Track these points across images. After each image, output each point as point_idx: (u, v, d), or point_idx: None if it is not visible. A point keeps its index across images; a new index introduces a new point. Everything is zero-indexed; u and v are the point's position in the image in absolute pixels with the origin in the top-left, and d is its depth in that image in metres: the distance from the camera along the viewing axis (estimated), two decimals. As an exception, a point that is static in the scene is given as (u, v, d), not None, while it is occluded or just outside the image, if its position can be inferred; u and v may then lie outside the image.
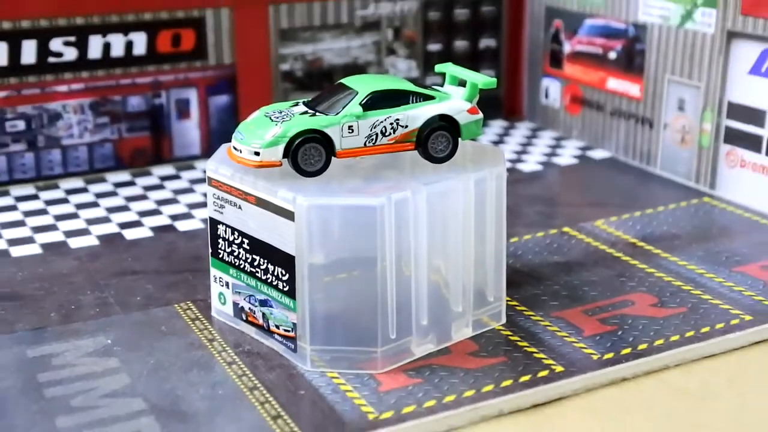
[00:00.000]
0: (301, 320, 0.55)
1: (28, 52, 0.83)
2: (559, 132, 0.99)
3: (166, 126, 0.89)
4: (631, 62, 0.89)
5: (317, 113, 0.56)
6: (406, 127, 0.57)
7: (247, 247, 0.57)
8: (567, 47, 0.97)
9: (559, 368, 0.55)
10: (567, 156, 0.93)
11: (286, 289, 0.55)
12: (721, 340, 0.59)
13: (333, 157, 0.56)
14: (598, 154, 0.93)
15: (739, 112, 0.80)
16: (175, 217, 0.77)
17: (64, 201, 0.81)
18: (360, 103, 0.56)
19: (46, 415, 0.51)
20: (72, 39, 0.84)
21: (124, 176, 0.87)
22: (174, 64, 0.88)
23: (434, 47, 0.99)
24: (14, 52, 0.83)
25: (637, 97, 0.89)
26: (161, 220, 0.77)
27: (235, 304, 0.59)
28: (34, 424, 0.50)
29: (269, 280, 0.56)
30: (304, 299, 0.54)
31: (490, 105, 1.02)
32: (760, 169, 0.78)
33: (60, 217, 0.77)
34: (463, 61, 0.99)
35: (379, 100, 0.56)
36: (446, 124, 0.57)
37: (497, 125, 1.02)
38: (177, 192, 0.83)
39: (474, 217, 0.57)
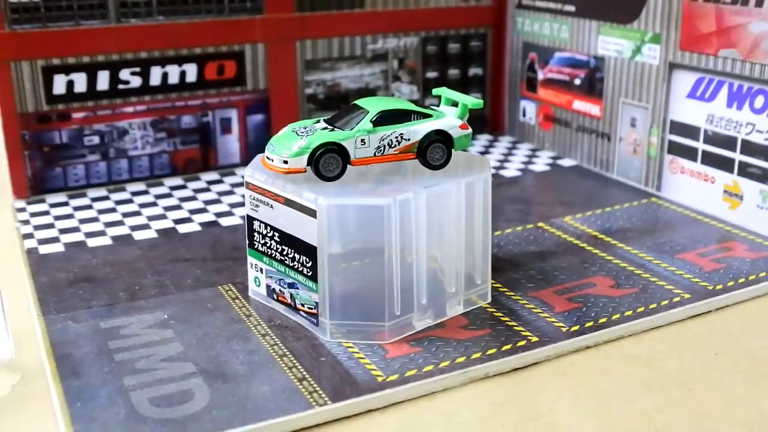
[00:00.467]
0: (321, 299, 0.54)
1: (102, 80, 0.83)
2: (534, 144, 0.99)
3: (212, 140, 0.89)
4: (593, 87, 0.89)
5: (335, 129, 0.56)
6: (409, 140, 0.56)
7: (278, 239, 0.57)
8: (540, 75, 0.96)
9: (534, 338, 0.55)
10: (541, 164, 0.92)
11: (309, 274, 0.55)
12: (665, 315, 0.58)
13: (348, 165, 0.55)
14: (566, 162, 0.92)
15: (679, 128, 0.79)
16: (219, 215, 0.77)
17: (130, 201, 0.81)
18: (371, 121, 0.56)
19: (116, 375, 0.51)
20: (137, 69, 0.84)
21: (178, 181, 0.87)
22: (219, 89, 0.88)
23: (431, 75, 0.99)
24: (91, 81, 0.82)
25: (598, 116, 0.89)
26: (208, 217, 0.77)
27: (268, 286, 0.59)
28: (106, 382, 0.50)
29: (296, 267, 0.56)
30: (325, 282, 0.54)
31: (478, 122, 1.02)
32: (696, 174, 0.78)
33: (126, 215, 0.77)
34: (455, 86, 0.99)
35: (386, 118, 0.56)
36: (442, 138, 0.57)
37: (484, 138, 1.02)
38: (221, 194, 0.83)
39: (464, 214, 0.57)
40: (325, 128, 0.56)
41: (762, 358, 0.54)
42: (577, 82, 0.91)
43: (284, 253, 0.56)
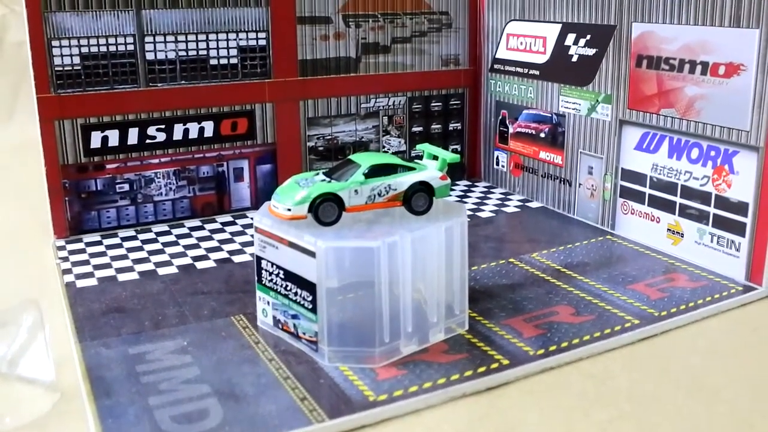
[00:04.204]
0: (320, 329, 0.54)
1: (132, 136, 0.83)
2: (506, 189, 0.99)
3: (226, 187, 0.89)
4: (555, 140, 0.89)
5: (332, 180, 0.56)
6: (396, 190, 0.57)
7: (282, 276, 0.57)
8: (511, 129, 0.97)
9: (505, 361, 0.55)
10: (512, 206, 0.92)
11: (310, 306, 0.55)
12: (618, 338, 0.59)
13: (343, 212, 0.56)
14: (533, 204, 0.93)
15: (628, 175, 0.80)
16: (232, 252, 0.77)
17: (155, 240, 0.81)
18: (363, 174, 0.56)
19: (142, 395, 0.51)
20: (162, 126, 0.84)
21: (196, 223, 0.87)
22: (232, 142, 0.88)
23: (417, 129, 0.99)
24: (123, 136, 0.83)
25: (560, 164, 0.89)
26: (222, 255, 0.77)
27: (274, 317, 0.59)
28: (134, 401, 0.50)
29: (298, 300, 0.56)
30: (323, 313, 0.54)
31: (458, 169, 1.03)
32: (644, 215, 0.78)
33: (152, 252, 0.77)
34: (438, 139, 1.00)
35: (376, 171, 0.57)
36: (424, 188, 0.57)
37: (462, 184, 1.02)
38: (234, 234, 0.83)
39: (444, 253, 0.57)
40: (324, 180, 0.56)
41: (701, 374, 0.54)
42: (542, 135, 0.92)
43: (288, 288, 0.56)
